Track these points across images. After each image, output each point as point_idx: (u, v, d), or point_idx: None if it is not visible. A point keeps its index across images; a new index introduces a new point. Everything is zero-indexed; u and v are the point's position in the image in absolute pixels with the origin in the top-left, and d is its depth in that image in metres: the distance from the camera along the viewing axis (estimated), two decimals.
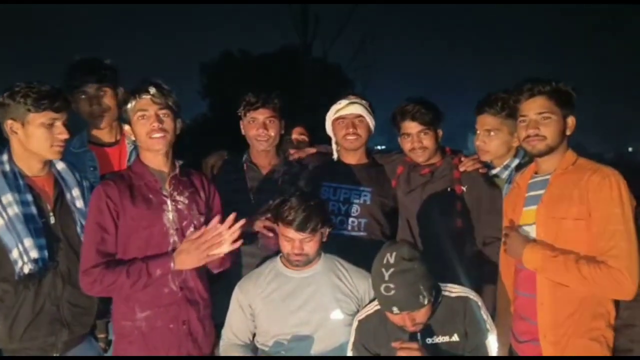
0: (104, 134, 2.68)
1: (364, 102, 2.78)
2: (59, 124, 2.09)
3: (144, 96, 2.13)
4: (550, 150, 2.11)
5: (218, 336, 2.39)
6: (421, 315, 2.02)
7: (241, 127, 2.79)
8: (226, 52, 14.09)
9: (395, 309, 2.00)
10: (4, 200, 2.01)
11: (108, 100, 2.62)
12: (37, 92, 2.05)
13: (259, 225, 2.51)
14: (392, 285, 1.97)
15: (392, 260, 1.99)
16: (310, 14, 15.52)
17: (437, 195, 2.65)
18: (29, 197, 2.07)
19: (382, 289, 2.00)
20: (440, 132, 2.72)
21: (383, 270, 1.99)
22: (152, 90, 2.12)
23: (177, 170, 2.22)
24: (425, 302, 1.99)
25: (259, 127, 2.70)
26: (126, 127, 2.20)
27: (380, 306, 2.08)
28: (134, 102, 2.14)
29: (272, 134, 2.71)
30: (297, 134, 3.40)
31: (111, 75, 2.64)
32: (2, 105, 2.07)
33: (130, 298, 2.13)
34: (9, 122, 2.07)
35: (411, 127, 2.65)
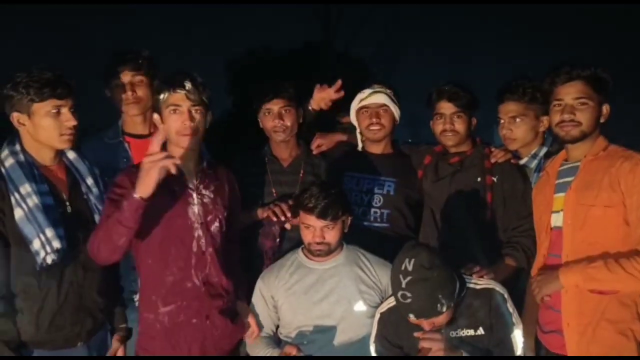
0: (137, 125, 2.69)
1: (388, 91, 2.73)
2: (65, 110, 2.05)
3: (178, 90, 2.06)
4: (583, 137, 2.06)
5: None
6: (440, 319, 1.99)
7: (258, 120, 2.78)
8: (250, 48, 14.13)
9: (412, 316, 1.98)
10: (23, 191, 1.99)
11: (144, 89, 2.61)
12: (38, 81, 2.00)
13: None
14: (408, 294, 1.93)
15: (410, 268, 1.93)
16: (332, 10, 15.50)
17: (466, 185, 2.60)
18: (46, 187, 2.05)
19: (399, 295, 1.96)
20: (474, 120, 2.67)
21: (401, 277, 1.95)
22: (188, 85, 2.04)
23: (205, 164, 2.20)
24: (444, 309, 1.95)
25: (275, 118, 2.68)
26: (155, 116, 2.13)
27: (399, 310, 2.05)
28: (166, 94, 2.07)
29: (289, 123, 2.69)
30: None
31: (148, 65, 2.64)
32: (6, 98, 2.03)
33: (154, 292, 2.13)
34: (15, 114, 2.04)
35: (446, 107, 2.61)
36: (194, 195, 2.15)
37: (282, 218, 2.51)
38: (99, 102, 2.78)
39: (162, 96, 2.08)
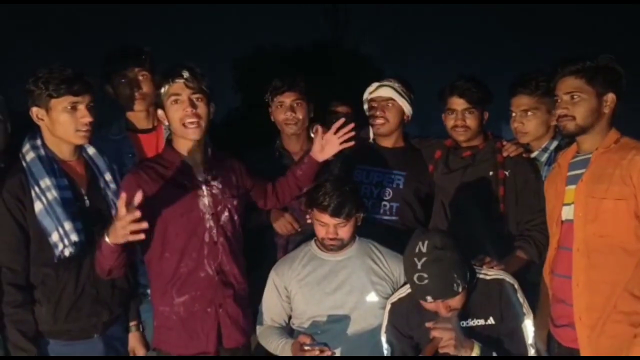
0: (141, 120, 2.72)
1: (396, 84, 2.75)
2: (81, 107, 2.08)
3: (177, 80, 2.11)
4: (581, 131, 2.06)
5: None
6: (456, 301, 2.01)
7: (270, 113, 2.81)
8: (258, 45, 14.13)
9: (429, 298, 2.00)
10: (43, 184, 2.04)
11: (147, 84, 2.65)
12: (58, 77, 2.04)
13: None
14: (425, 275, 1.96)
15: (424, 249, 1.97)
16: (341, 9, 15.49)
17: (478, 179, 2.61)
18: (65, 182, 2.09)
19: (415, 278, 1.99)
20: (486, 115, 2.68)
21: (415, 259, 1.98)
22: (186, 74, 2.10)
23: (210, 155, 2.24)
24: (460, 289, 1.98)
25: (287, 111, 2.71)
26: (159, 112, 2.19)
27: (414, 294, 2.07)
28: (166, 87, 2.13)
29: (301, 116, 2.72)
30: (343, 112, 3.24)
31: (150, 61, 2.68)
32: (28, 92, 2.08)
33: (168, 284, 2.17)
34: (34, 109, 2.08)
35: (457, 103, 2.61)
36: (203, 187, 2.18)
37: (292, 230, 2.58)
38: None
39: (163, 90, 2.14)
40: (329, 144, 2.35)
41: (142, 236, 1.89)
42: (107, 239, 1.93)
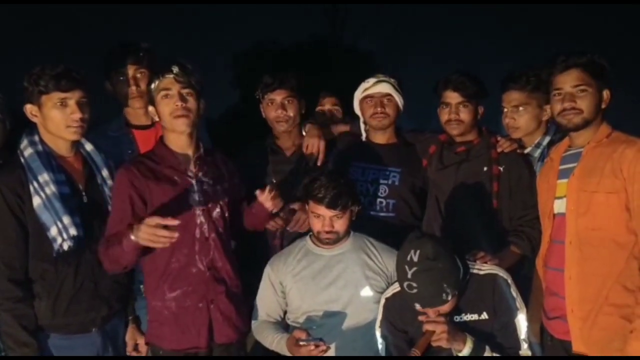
0: (140, 116, 2.73)
1: (392, 80, 2.76)
2: (71, 103, 2.09)
3: (167, 75, 2.13)
4: (586, 124, 2.07)
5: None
6: (445, 308, 2.03)
7: (261, 110, 2.82)
8: (258, 41, 14.14)
9: (418, 306, 2.02)
10: (41, 180, 2.06)
11: (145, 82, 2.64)
12: (48, 74, 2.06)
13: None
14: (414, 284, 1.97)
15: (415, 259, 1.98)
16: (340, 7, 15.50)
17: (472, 174, 2.63)
18: (63, 177, 2.11)
19: (405, 285, 2.01)
20: (481, 109, 2.68)
21: (406, 267, 1.99)
22: (175, 69, 2.12)
23: (202, 151, 2.25)
24: (449, 298, 1.99)
25: (278, 108, 2.72)
26: (150, 108, 2.22)
27: (405, 299, 2.09)
28: (157, 82, 2.15)
29: (291, 114, 2.73)
30: (330, 105, 3.31)
31: (149, 58, 2.68)
32: (23, 90, 2.10)
33: (160, 279, 2.18)
34: (28, 106, 2.11)
35: (452, 97, 2.62)
36: (194, 182, 2.20)
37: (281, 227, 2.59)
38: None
39: (153, 85, 2.17)
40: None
41: (166, 244, 1.94)
42: (132, 237, 1.93)
